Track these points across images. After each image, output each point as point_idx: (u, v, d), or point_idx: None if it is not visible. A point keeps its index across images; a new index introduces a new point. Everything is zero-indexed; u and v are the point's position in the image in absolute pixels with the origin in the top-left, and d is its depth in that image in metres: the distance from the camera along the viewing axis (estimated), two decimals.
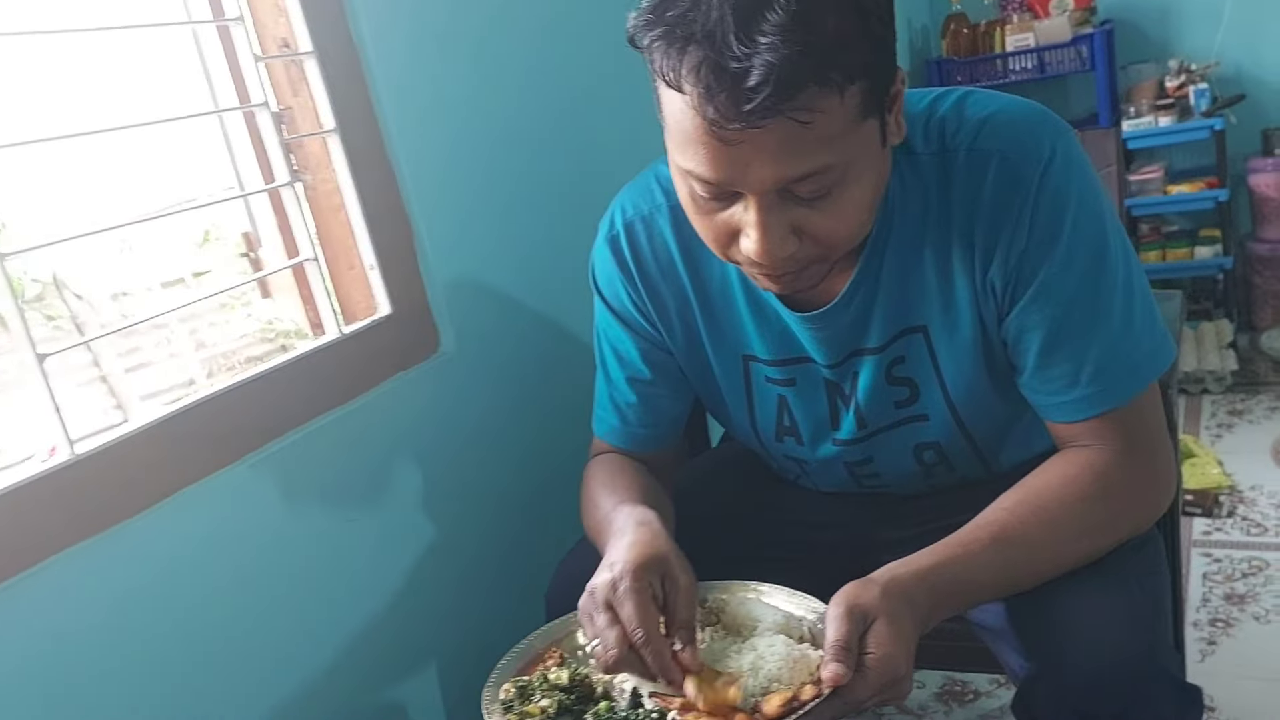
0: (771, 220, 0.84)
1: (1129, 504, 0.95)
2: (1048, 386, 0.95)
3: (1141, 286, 0.95)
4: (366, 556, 1.21)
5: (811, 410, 1.08)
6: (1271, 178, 3.09)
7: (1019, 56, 3.05)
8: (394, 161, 1.25)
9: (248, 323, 2.18)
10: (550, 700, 0.84)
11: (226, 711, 1.05)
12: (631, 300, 1.09)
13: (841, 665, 0.78)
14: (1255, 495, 2.39)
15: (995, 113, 0.93)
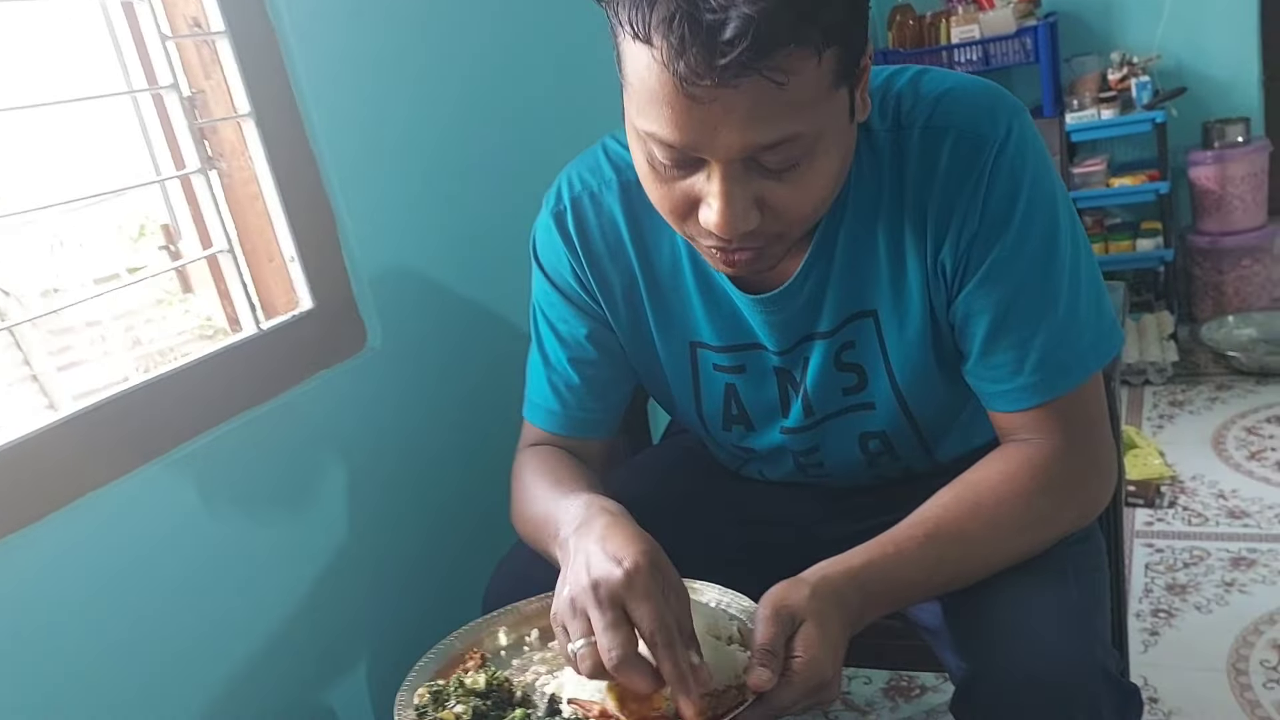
0: (735, 191, 0.79)
1: (1068, 500, 0.93)
2: (992, 373, 0.93)
3: (1090, 272, 0.93)
4: (290, 557, 1.16)
5: (760, 398, 1.05)
6: (1211, 170, 3.13)
7: (964, 48, 3.05)
8: (315, 148, 1.19)
9: (185, 319, 2.10)
10: (465, 706, 0.80)
11: (144, 716, 0.99)
12: (576, 276, 1.04)
13: (766, 670, 0.75)
14: (1196, 485, 2.41)
15: (951, 89, 0.91)
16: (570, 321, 1.07)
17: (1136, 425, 2.76)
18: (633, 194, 1.01)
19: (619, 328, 1.06)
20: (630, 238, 1.02)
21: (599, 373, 1.08)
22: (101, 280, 1.95)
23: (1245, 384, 2.90)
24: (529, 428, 1.13)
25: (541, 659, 0.90)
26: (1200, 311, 3.27)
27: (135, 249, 2.21)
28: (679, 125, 0.77)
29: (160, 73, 1.08)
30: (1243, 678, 1.73)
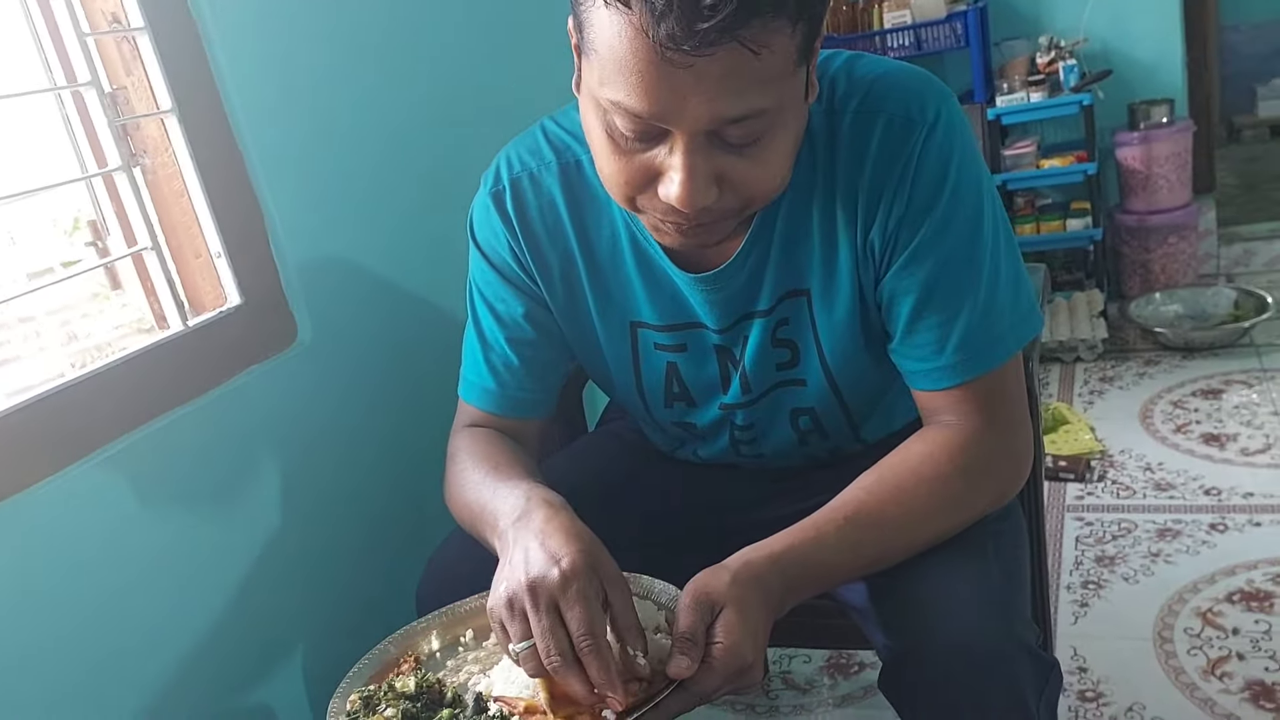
0: (698, 164, 0.80)
1: (985, 482, 0.96)
2: (916, 352, 0.96)
3: (1011, 256, 0.96)
4: (223, 555, 1.15)
5: (701, 376, 1.07)
6: (1137, 150, 3.20)
7: (896, 33, 3.09)
8: (240, 142, 1.18)
9: (122, 313, 2.06)
10: (395, 710, 0.81)
11: (77, 715, 0.99)
12: (514, 255, 1.05)
13: (685, 658, 0.76)
14: (1124, 459, 2.48)
15: (883, 75, 0.93)
16: (508, 301, 1.07)
17: (1068, 401, 2.83)
18: (571, 176, 1.02)
19: (556, 308, 1.07)
20: (569, 219, 1.03)
21: (537, 353, 1.08)
22: (35, 275, 1.91)
23: (1172, 359, 2.98)
24: (465, 407, 1.12)
25: (475, 658, 0.91)
26: (1129, 289, 3.35)
27: (70, 243, 2.17)
28: (649, 93, 0.76)
29: (80, 70, 1.06)
30: (1167, 645, 1.79)
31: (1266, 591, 1.88)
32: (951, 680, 0.87)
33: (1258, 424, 2.51)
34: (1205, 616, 1.85)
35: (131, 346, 1.06)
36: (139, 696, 1.05)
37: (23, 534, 0.96)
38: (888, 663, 0.94)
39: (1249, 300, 3.06)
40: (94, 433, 1.03)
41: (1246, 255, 3.55)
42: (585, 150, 1.01)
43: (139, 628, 1.05)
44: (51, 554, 0.98)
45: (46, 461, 0.98)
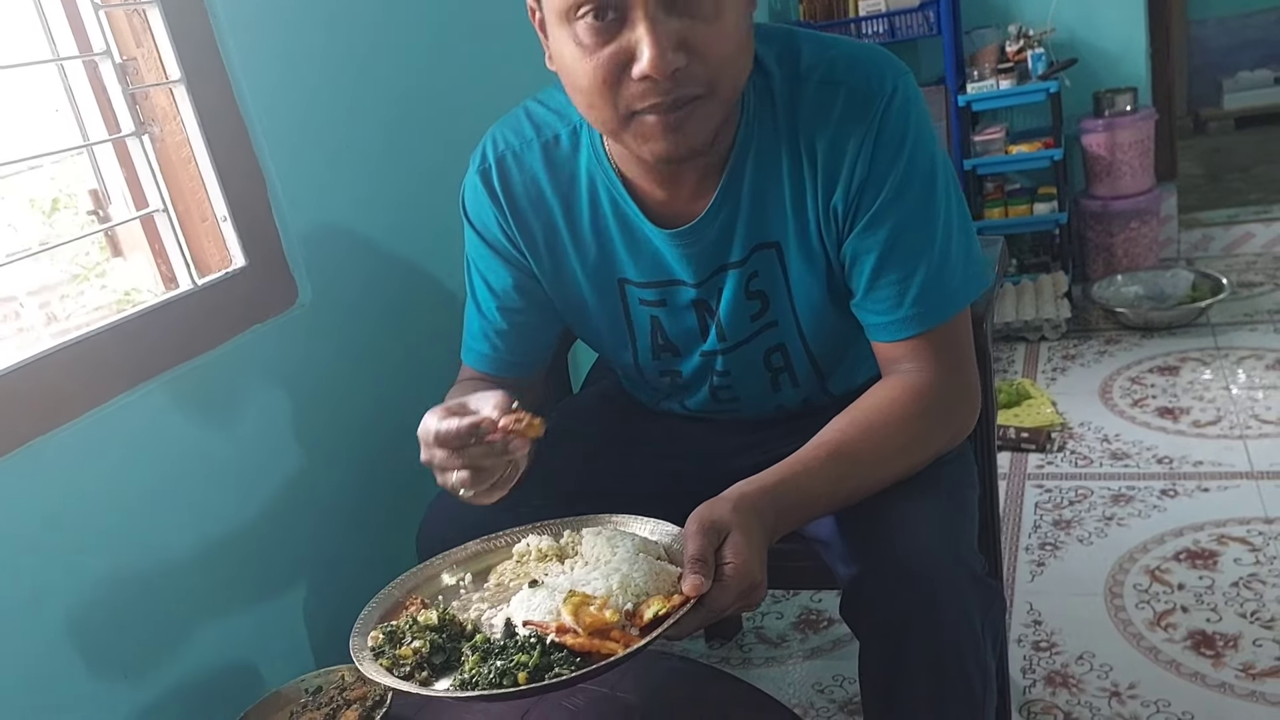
0: (660, 29, 0.88)
1: (943, 421, 1.06)
2: (876, 307, 1.05)
3: (962, 219, 1.05)
4: (226, 505, 1.22)
5: (681, 328, 1.15)
6: (1102, 137, 3.31)
7: (871, 20, 3.18)
8: (245, 111, 1.25)
9: (103, 294, 2.11)
10: (422, 641, 0.87)
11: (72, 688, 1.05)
12: (502, 229, 1.13)
13: (700, 577, 0.83)
14: (1084, 431, 2.58)
15: (845, 50, 1.02)
16: (498, 273, 1.16)
17: (1032, 378, 2.93)
18: (552, 151, 1.10)
19: (543, 277, 1.15)
20: (551, 191, 1.11)
21: (526, 319, 1.18)
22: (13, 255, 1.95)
23: (1131, 338, 3.10)
24: (464, 368, 1.22)
25: (480, 597, 0.98)
26: (1092, 271, 3.46)
27: (49, 223, 2.20)
28: None
29: (95, 40, 1.13)
30: (1117, 600, 1.90)
31: (1211, 550, 1.99)
32: (903, 598, 0.96)
33: (1210, 398, 2.63)
34: (1153, 574, 1.95)
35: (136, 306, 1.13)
36: (145, 626, 1.12)
37: (46, 473, 1.03)
38: (847, 589, 1.02)
39: (1206, 282, 3.17)
40: (105, 385, 1.10)
41: (1205, 240, 3.68)
42: (565, 126, 1.09)
43: (145, 571, 1.12)
44: (66, 497, 1.05)
45: (52, 415, 1.04)
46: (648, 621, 0.82)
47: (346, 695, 1.03)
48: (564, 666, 0.79)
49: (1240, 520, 2.08)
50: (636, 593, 0.85)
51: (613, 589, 0.85)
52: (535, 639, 0.82)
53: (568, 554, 0.99)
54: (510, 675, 0.79)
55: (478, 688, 0.80)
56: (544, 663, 0.80)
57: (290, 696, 1.06)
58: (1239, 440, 2.39)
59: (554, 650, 0.81)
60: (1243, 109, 5.37)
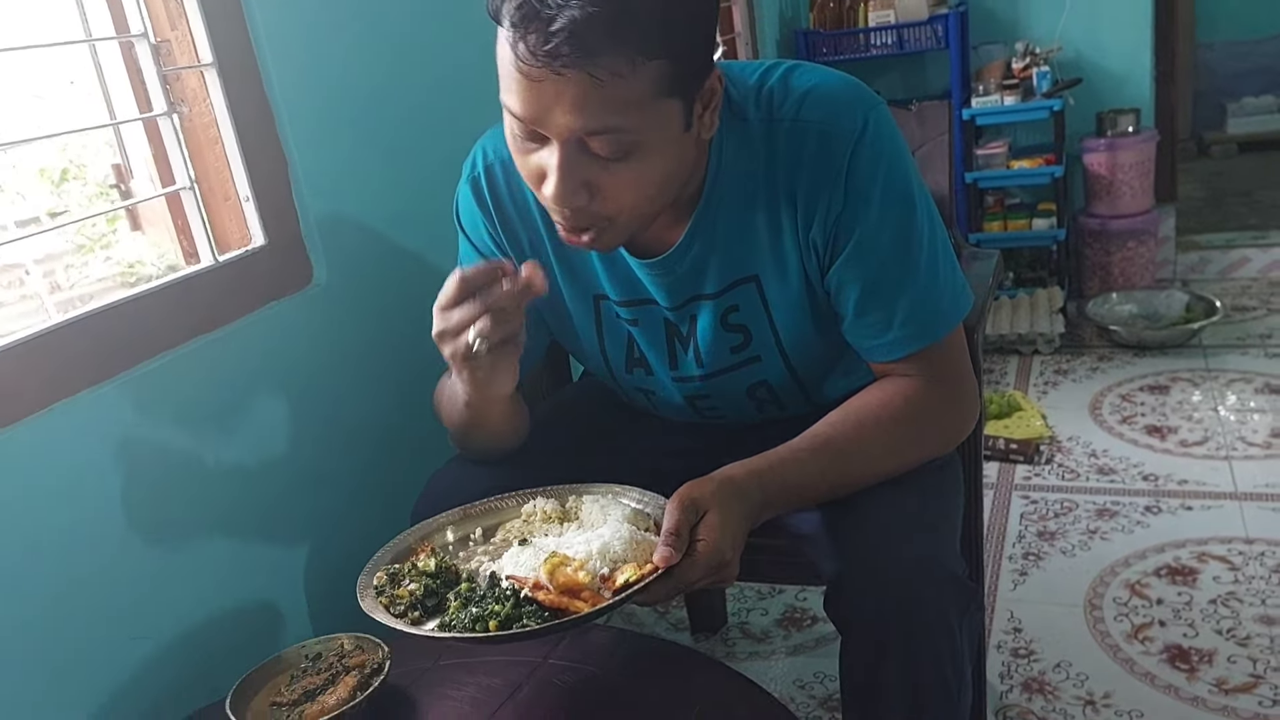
0: (568, 168, 0.91)
1: (934, 426, 1.10)
2: (866, 332, 1.08)
3: (943, 242, 1.08)
4: (235, 468, 1.26)
5: (655, 346, 1.19)
6: (1103, 157, 3.35)
7: (880, 32, 3.22)
8: (271, 96, 1.29)
9: (106, 266, 2.14)
10: (418, 584, 0.93)
11: (77, 646, 1.09)
12: (491, 236, 1.17)
13: (670, 549, 0.88)
14: (1072, 445, 2.63)
15: (815, 86, 1.05)
16: None
17: (1023, 390, 2.98)
18: None
19: None
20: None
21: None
22: (23, 223, 1.98)
23: (1124, 356, 3.14)
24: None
25: (484, 551, 1.04)
26: (1088, 288, 3.51)
27: (58, 193, 2.24)
28: (522, 99, 0.89)
29: (131, 22, 1.17)
30: (1096, 611, 1.94)
31: (1191, 568, 2.04)
32: (883, 596, 1.00)
33: (1198, 419, 2.67)
34: (1133, 588, 2.00)
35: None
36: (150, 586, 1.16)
37: (65, 437, 1.07)
38: (830, 585, 1.06)
39: (1200, 304, 3.22)
40: (129, 352, 1.14)
41: (1202, 263, 3.72)
42: None
43: (152, 522, 1.16)
44: (87, 459, 1.09)
45: (83, 377, 1.09)
46: (618, 586, 0.88)
47: (346, 662, 1.07)
48: (532, 619, 0.85)
49: (1222, 539, 2.12)
50: (613, 559, 0.90)
51: (591, 553, 0.91)
52: (511, 591, 0.89)
53: (570, 518, 1.05)
54: (483, 622, 0.86)
55: (453, 630, 0.87)
56: (514, 614, 0.86)
57: (291, 661, 1.09)
58: (1224, 461, 2.44)
59: (526, 604, 0.87)
60: (1246, 134, 5.42)
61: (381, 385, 1.49)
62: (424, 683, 1.07)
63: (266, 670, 1.08)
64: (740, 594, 2.14)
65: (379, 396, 1.48)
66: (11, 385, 1.01)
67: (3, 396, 1.01)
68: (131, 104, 1.28)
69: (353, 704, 0.99)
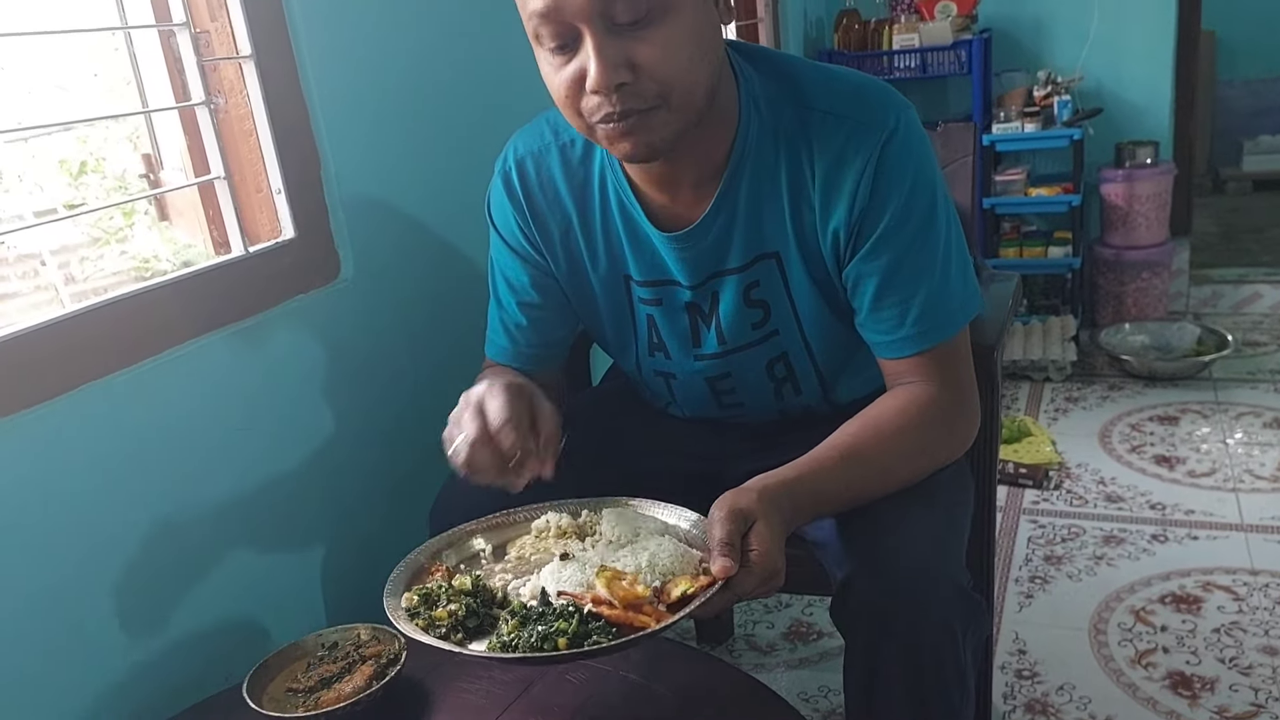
0: (605, 49, 0.94)
1: (946, 432, 1.11)
2: (879, 326, 1.11)
3: (959, 246, 1.11)
4: (255, 461, 1.28)
5: (675, 329, 1.21)
6: (1121, 188, 3.36)
7: (903, 55, 3.24)
8: (307, 91, 1.31)
9: (121, 260, 2.16)
10: (458, 604, 0.91)
11: (104, 617, 1.11)
12: (521, 230, 1.20)
13: (728, 559, 0.88)
14: (1081, 472, 2.63)
15: (852, 83, 1.08)
16: (517, 271, 1.23)
17: (1034, 416, 2.98)
18: (569, 152, 1.17)
19: (558, 271, 1.22)
20: (566, 190, 1.17)
21: (542, 314, 1.24)
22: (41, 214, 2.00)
23: (1135, 386, 3.15)
24: (486, 361, 1.29)
25: (502, 569, 1.03)
26: (1101, 317, 3.51)
27: (76, 185, 2.26)
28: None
29: (176, 12, 1.19)
30: (1101, 636, 1.94)
31: (1196, 596, 2.04)
32: (887, 601, 1.01)
33: (1206, 450, 2.67)
34: (1138, 614, 2.00)
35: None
36: (172, 569, 1.18)
37: (96, 418, 1.08)
38: (838, 590, 1.07)
39: (1212, 337, 3.22)
40: (158, 338, 1.15)
41: (1215, 297, 3.73)
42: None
43: (175, 508, 1.18)
44: (120, 439, 1.11)
45: (114, 360, 1.10)
46: (675, 599, 0.87)
47: (362, 652, 1.08)
48: (601, 635, 0.84)
49: (1227, 569, 2.12)
50: (663, 571, 0.90)
51: (641, 566, 0.90)
52: (573, 608, 0.87)
53: (586, 532, 1.05)
54: (551, 640, 0.84)
55: (519, 650, 0.85)
56: (582, 630, 0.84)
57: (308, 649, 1.10)
58: (1231, 493, 2.44)
59: (591, 619, 0.85)
60: (1261, 172, 5.43)
61: (402, 381, 1.50)
62: (438, 675, 1.08)
63: (284, 656, 1.09)
64: (747, 606, 2.14)
65: (400, 392, 1.50)
66: (39, 367, 1.03)
67: (31, 378, 1.02)
68: (165, 94, 1.30)
69: (369, 692, 1.00)
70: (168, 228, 1.76)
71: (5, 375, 0.99)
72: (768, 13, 3.13)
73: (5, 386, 1.00)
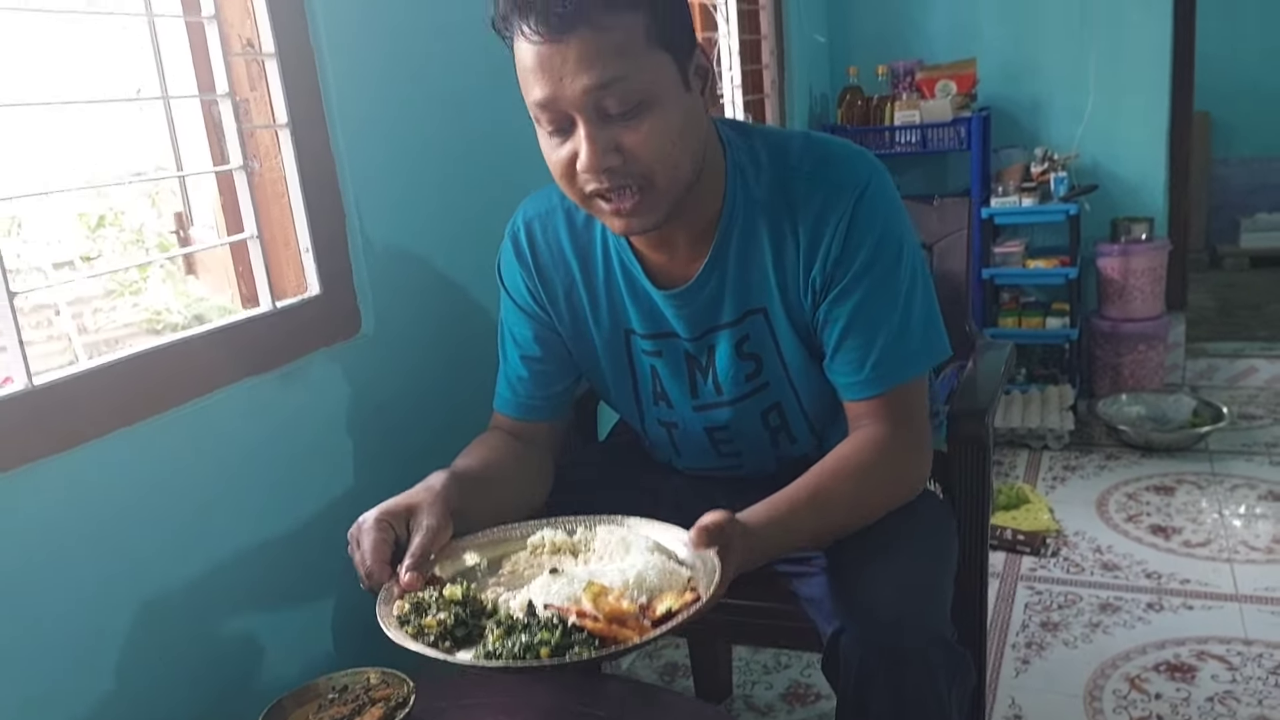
0: (596, 136, 1.05)
1: (897, 472, 1.19)
2: (842, 369, 1.20)
3: (925, 296, 1.20)
4: (275, 515, 1.32)
5: (677, 378, 1.29)
6: (1117, 262, 3.44)
7: (905, 131, 3.34)
8: (337, 158, 1.38)
9: (134, 312, 2.23)
10: (447, 614, 0.95)
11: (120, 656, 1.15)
12: (528, 288, 1.29)
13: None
14: (1078, 540, 2.66)
15: (829, 148, 1.19)
16: (522, 327, 1.32)
17: (1032, 484, 3.02)
18: (574, 215, 1.27)
19: (562, 326, 1.30)
20: (571, 250, 1.27)
21: (543, 368, 1.32)
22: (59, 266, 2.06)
23: (1131, 456, 3.19)
24: (494, 414, 1.36)
25: (495, 581, 1.07)
26: (1098, 388, 3.57)
27: (93, 238, 2.33)
28: (540, 80, 1.03)
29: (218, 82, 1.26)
30: (1096, 703, 1.97)
31: (1191, 665, 2.06)
32: (872, 655, 1.06)
33: (1202, 521, 2.71)
34: (1133, 681, 2.02)
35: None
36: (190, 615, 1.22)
37: (122, 463, 1.14)
38: (827, 644, 1.11)
39: (1207, 410, 3.28)
40: (185, 387, 1.20)
41: (1211, 370, 3.79)
42: None
43: (196, 555, 1.23)
44: (139, 485, 1.16)
45: (140, 409, 1.15)
46: (661, 615, 0.91)
47: (372, 694, 1.11)
48: (583, 647, 0.87)
49: (1221, 639, 2.15)
50: (649, 589, 0.94)
51: (629, 582, 0.94)
52: (557, 620, 0.90)
53: (579, 549, 1.09)
54: (534, 650, 0.87)
55: (501, 659, 0.87)
56: (565, 642, 0.88)
57: (319, 691, 1.13)
58: (1226, 563, 2.47)
59: (574, 632, 0.89)
60: (1258, 248, 5.52)
61: (419, 435, 1.55)
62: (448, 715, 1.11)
63: (297, 697, 1.12)
64: (746, 666, 2.17)
65: (414, 443, 1.55)
66: (79, 411, 1.08)
67: (73, 421, 1.07)
68: (202, 155, 1.37)
69: None
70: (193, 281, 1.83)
71: (49, 417, 1.05)
72: (774, 89, 3.24)
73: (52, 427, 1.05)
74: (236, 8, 1.29)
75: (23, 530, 1.04)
